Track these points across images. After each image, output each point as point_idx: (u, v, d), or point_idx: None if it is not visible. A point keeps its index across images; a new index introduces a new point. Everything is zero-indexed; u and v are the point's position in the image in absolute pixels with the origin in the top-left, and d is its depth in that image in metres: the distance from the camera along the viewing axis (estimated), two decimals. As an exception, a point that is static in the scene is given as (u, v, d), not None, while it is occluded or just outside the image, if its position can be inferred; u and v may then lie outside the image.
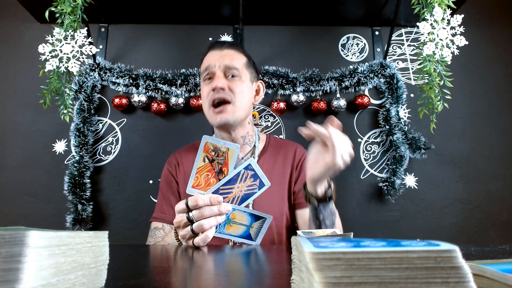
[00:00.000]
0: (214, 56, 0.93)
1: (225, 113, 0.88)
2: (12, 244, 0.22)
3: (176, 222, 0.64)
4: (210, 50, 0.95)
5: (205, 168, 0.61)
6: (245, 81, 0.93)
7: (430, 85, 1.06)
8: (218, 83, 0.87)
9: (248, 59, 0.97)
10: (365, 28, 1.54)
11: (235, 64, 0.91)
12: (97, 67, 1.39)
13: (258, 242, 0.66)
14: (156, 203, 0.97)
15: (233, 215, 0.64)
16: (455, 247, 0.20)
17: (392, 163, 1.39)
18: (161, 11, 1.43)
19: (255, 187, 0.62)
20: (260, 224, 0.64)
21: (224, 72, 0.90)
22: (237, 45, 0.99)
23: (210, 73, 0.91)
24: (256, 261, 0.53)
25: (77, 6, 1.03)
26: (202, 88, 0.95)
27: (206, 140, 0.60)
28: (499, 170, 1.44)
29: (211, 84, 0.89)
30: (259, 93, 1.01)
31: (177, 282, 0.38)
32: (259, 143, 0.99)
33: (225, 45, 0.95)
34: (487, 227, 1.40)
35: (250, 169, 0.60)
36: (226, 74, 0.91)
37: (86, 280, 0.29)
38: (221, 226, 0.64)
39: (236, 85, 0.90)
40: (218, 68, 0.90)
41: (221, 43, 0.96)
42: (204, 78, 0.94)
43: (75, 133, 1.34)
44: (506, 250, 0.53)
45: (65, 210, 1.31)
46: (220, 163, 0.62)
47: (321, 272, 0.19)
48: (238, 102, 0.90)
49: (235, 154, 0.62)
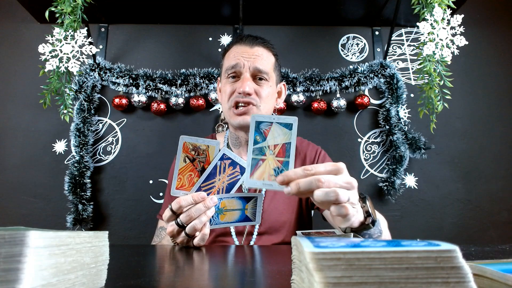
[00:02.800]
0: (243, 53, 0.85)
1: (248, 116, 0.84)
2: (12, 244, 0.22)
3: (169, 232, 0.62)
4: (239, 43, 0.88)
5: (187, 168, 0.60)
6: (272, 85, 0.88)
7: (430, 85, 1.06)
8: (246, 87, 0.82)
9: (276, 59, 0.92)
10: (365, 28, 1.54)
11: (265, 66, 0.85)
12: (97, 67, 1.39)
13: (258, 220, 0.64)
14: (163, 201, 0.96)
15: (222, 204, 0.63)
16: (455, 247, 0.20)
17: (392, 163, 1.39)
18: (161, 11, 1.43)
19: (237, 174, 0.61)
20: (254, 204, 0.63)
21: (253, 74, 0.85)
22: (268, 42, 0.91)
23: (237, 72, 0.85)
24: (256, 261, 0.53)
25: (77, 6, 1.03)
26: (224, 85, 0.88)
27: (184, 140, 0.60)
28: (499, 170, 1.44)
29: (237, 84, 0.84)
30: (281, 95, 0.96)
31: (177, 282, 0.38)
32: None
33: (257, 42, 0.87)
34: (487, 227, 1.40)
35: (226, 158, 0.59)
36: (255, 77, 0.85)
37: (86, 280, 0.29)
38: (215, 218, 0.64)
39: (263, 89, 0.85)
40: (247, 69, 0.84)
41: (253, 38, 0.88)
42: (228, 75, 0.87)
43: (75, 133, 1.34)
44: (506, 250, 0.53)
45: (65, 210, 1.31)
46: (202, 161, 0.61)
47: (321, 272, 0.19)
48: (263, 106, 0.85)
49: (215, 150, 0.61)
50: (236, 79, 0.86)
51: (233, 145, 0.95)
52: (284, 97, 0.98)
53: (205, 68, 1.43)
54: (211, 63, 1.49)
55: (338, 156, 1.42)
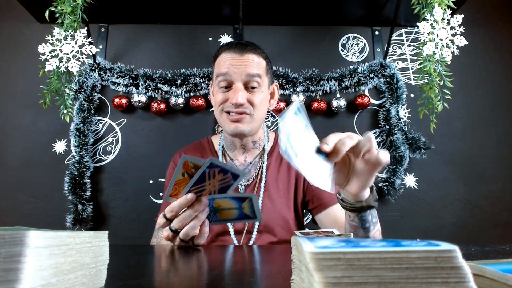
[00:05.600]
0: (233, 61, 0.83)
1: (242, 124, 0.84)
2: (12, 244, 0.22)
3: (165, 237, 0.62)
4: (228, 50, 0.86)
5: (184, 182, 0.59)
6: (264, 90, 0.87)
7: (430, 85, 1.07)
8: (238, 98, 0.81)
9: (267, 62, 0.90)
10: (365, 28, 1.54)
11: (256, 72, 0.84)
12: (97, 67, 1.39)
13: (260, 217, 0.63)
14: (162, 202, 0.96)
15: (216, 203, 0.62)
16: (455, 247, 0.20)
17: (392, 163, 1.39)
18: (161, 11, 1.43)
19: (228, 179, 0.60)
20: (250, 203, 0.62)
21: (245, 82, 0.83)
22: (257, 47, 0.89)
23: (228, 81, 0.84)
24: (255, 261, 0.53)
25: (77, 6, 1.03)
26: (216, 93, 0.87)
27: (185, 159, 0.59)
28: (499, 170, 1.44)
29: (229, 94, 0.83)
30: (273, 96, 0.95)
31: (177, 282, 0.38)
32: (268, 143, 0.96)
33: (247, 48, 0.85)
34: (487, 227, 1.40)
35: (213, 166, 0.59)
36: (247, 85, 0.84)
37: (86, 280, 0.29)
38: (212, 215, 0.63)
39: (255, 97, 0.84)
40: (239, 78, 0.83)
41: (242, 45, 0.86)
42: (220, 84, 0.85)
43: (75, 133, 1.34)
44: (506, 250, 0.53)
45: (65, 210, 1.31)
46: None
47: (321, 272, 0.19)
48: (256, 114, 0.85)
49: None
50: (228, 88, 0.85)
51: (228, 149, 0.95)
52: (277, 97, 0.97)
53: (205, 68, 1.43)
54: (211, 63, 1.48)
55: (338, 156, 1.42)
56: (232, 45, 0.87)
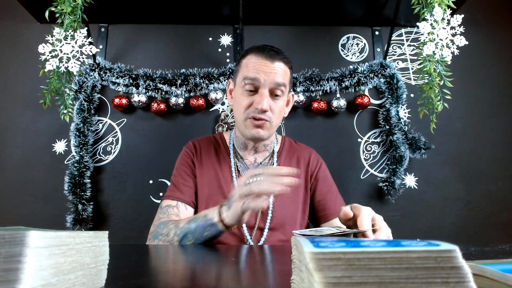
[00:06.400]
0: (263, 67, 0.85)
1: (262, 130, 0.87)
2: (12, 244, 0.22)
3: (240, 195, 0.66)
4: (259, 55, 0.86)
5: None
6: (285, 99, 0.91)
7: (430, 85, 1.06)
8: (264, 104, 0.83)
9: (291, 72, 0.92)
10: (365, 28, 1.54)
11: (283, 82, 0.86)
12: (97, 67, 1.39)
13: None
14: (170, 184, 0.95)
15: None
16: (455, 247, 0.20)
17: (392, 163, 1.39)
18: (161, 11, 1.43)
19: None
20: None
21: (271, 90, 0.86)
22: (286, 55, 0.90)
23: (256, 86, 0.86)
24: (256, 261, 0.53)
25: (77, 6, 1.03)
26: (241, 95, 0.88)
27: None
28: (499, 170, 1.44)
29: (255, 98, 0.85)
30: (288, 104, 0.96)
31: (177, 282, 0.38)
32: (276, 145, 1.00)
33: (278, 56, 0.87)
34: (487, 227, 1.40)
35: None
36: (271, 92, 0.86)
37: (86, 280, 0.29)
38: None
39: (277, 105, 0.87)
40: (266, 85, 0.85)
41: (274, 52, 0.87)
42: (246, 88, 0.87)
43: (75, 133, 1.34)
44: (506, 250, 0.53)
45: (65, 210, 1.31)
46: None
47: (321, 272, 0.19)
48: (275, 121, 0.88)
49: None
50: (254, 92, 0.87)
51: (239, 148, 0.97)
52: (291, 105, 0.98)
53: (205, 68, 1.43)
54: (211, 63, 1.49)
55: (338, 156, 1.42)
56: (264, 50, 0.87)
